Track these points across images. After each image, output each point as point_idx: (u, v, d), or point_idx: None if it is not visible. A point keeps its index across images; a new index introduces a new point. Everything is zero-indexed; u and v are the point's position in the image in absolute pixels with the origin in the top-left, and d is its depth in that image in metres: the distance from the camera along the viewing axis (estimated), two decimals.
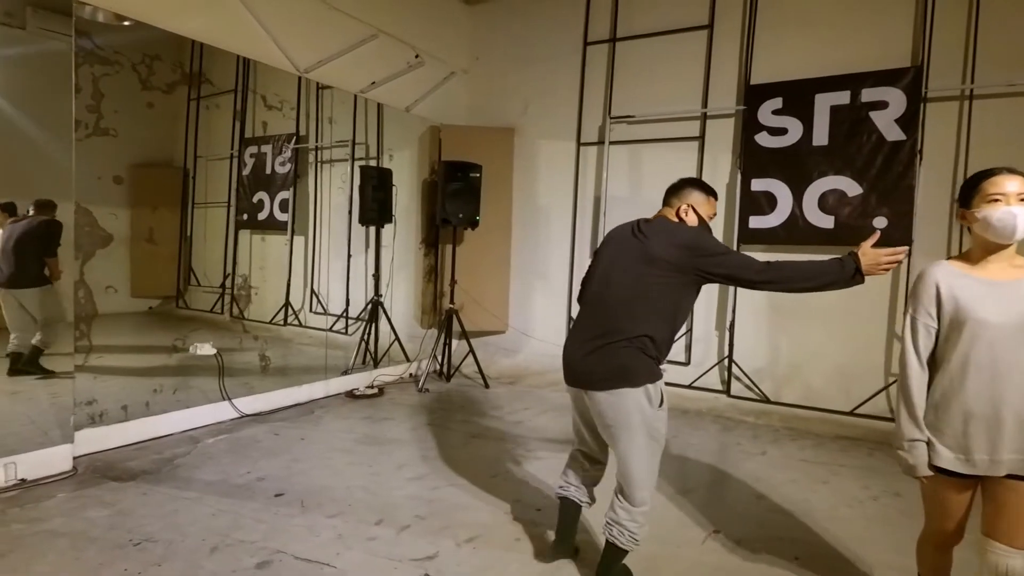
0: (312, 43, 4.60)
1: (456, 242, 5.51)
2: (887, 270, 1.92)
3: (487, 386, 5.25)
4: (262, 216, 5.57)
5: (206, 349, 4.39)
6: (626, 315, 2.11)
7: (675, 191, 2.33)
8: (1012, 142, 3.82)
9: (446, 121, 5.80)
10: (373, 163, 5.54)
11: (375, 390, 4.88)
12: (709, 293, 4.96)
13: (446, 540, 2.59)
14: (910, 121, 4.10)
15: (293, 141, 5.42)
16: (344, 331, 5.57)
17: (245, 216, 5.60)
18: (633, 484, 2.12)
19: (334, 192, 5.56)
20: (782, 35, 4.61)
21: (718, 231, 4.91)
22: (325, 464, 3.40)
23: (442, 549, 2.52)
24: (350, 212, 5.57)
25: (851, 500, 3.15)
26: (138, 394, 3.88)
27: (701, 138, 4.96)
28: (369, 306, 5.40)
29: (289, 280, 5.52)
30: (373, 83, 5.10)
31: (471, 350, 5.33)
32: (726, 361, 4.83)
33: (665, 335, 2.13)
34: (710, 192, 2.33)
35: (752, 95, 4.64)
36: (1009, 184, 1.63)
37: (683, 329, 5.02)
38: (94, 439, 3.42)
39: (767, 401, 4.65)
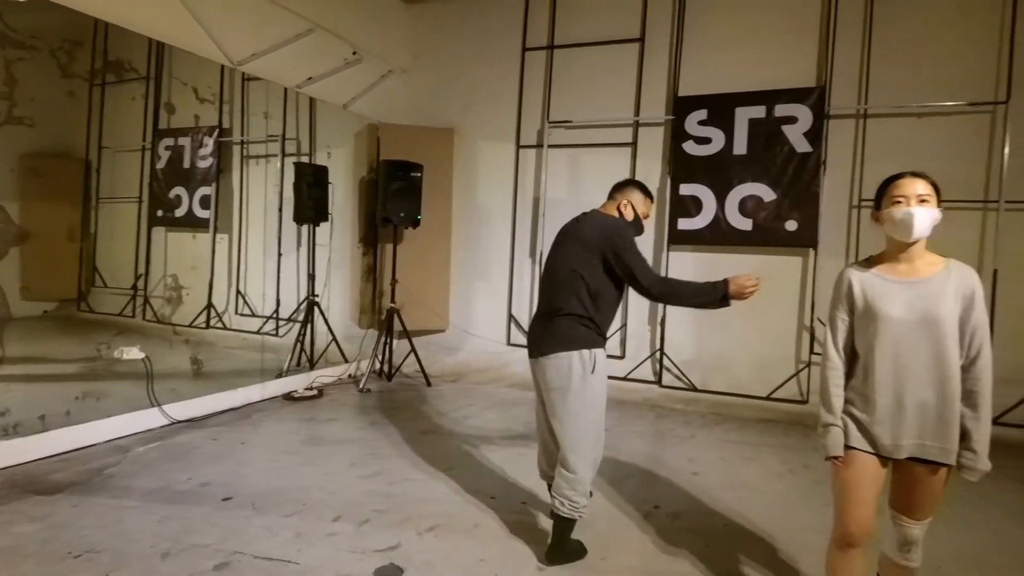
0: (247, 35, 4.47)
1: (396, 241, 5.51)
2: (749, 295, 2.25)
3: (429, 384, 5.30)
4: (180, 212, 5.32)
5: (133, 353, 4.18)
6: (564, 293, 2.41)
7: (620, 188, 2.63)
8: (899, 156, 4.32)
9: (385, 119, 5.78)
10: (308, 160, 5.45)
11: (314, 392, 4.80)
12: None
13: (407, 531, 2.65)
14: (816, 135, 4.56)
15: (216, 134, 5.22)
16: (275, 333, 5.44)
17: (160, 212, 5.34)
18: (568, 448, 2.36)
19: (263, 189, 5.42)
20: (707, 52, 4.98)
21: (651, 231, 5.22)
22: (273, 466, 3.34)
23: (404, 539, 2.58)
24: (280, 209, 5.44)
25: (772, 474, 3.49)
26: (55, 403, 3.65)
27: (634, 144, 5.26)
28: (304, 306, 5.30)
29: (211, 280, 5.31)
30: (310, 78, 5.02)
31: (412, 349, 5.35)
32: (658, 354, 5.15)
33: (594, 310, 2.40)
34: (648, 194, 2.65)
35: (680, 106, 4.98)
36: (911, 187, 1.74)
37: (618, 324, 5.30)
38: (10, 452, 3.19)
39: (695, 390, 5.01)
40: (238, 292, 5.43)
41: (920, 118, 4.41)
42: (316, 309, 5.25)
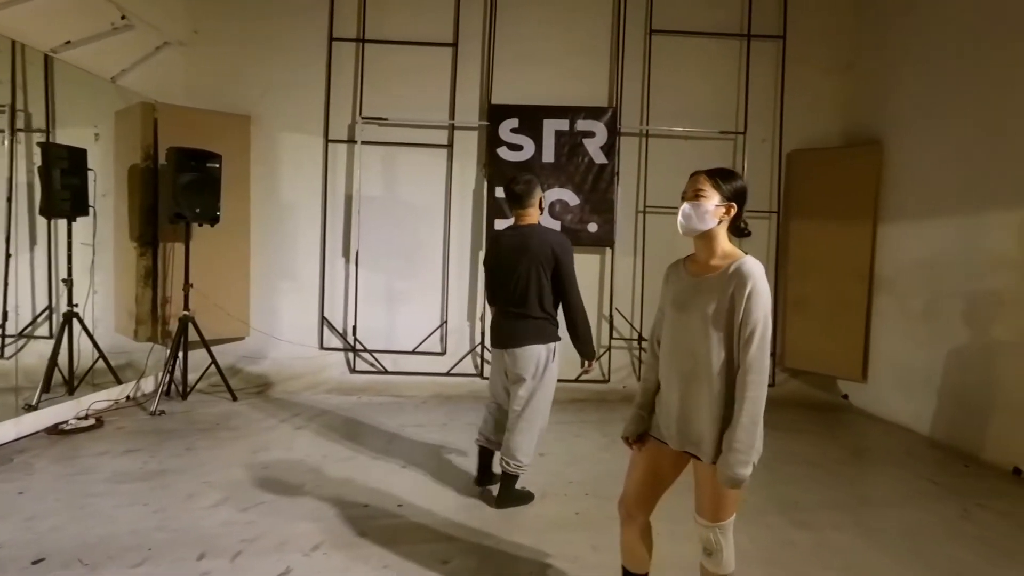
0: None
1: (181, 240, 4.79)
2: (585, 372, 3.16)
3: (235, 398, 4.74)
4: None
5: None
6: (527, 297, 2.89)
7: (527, 195, 2.96)
8: (672, 171, 5.18)
9: (162, 99, 4.96)
10: (46, 139, 4.41)
11: (91, 421, 3.95)
12: (460, 288, 5.46)
13: (291, 554, 2.43)
14: (610, 149, 5.26)
15: None
16: None
17: None
18: (525, 419, 2.89)
19: None
20: (516, 64, 5.35)
21: (469, 232, 5.43)
22: (83, 513, 2.72)
23: (292, 563, 2.37)
24: (10, 200, 4.31)
25: (599, 447, 3.98)
26: None
27: (450, 147, 5.40)
28: (52, 319, 4.29)
29: None
30: (68, 42, 4.08)
31: (213, 361, 4.73)
32: (479, 348, 5.39)
33: (552, 310, 2.95)
34: (536, 188, 3.02)
35: (494, 113, 5.27)
36: (689, 184, 1.76)
37: (437, 321, 5.41)
38: None
39: None
40: None
41: (686, 140, 5.39)
42: (75, 322, 4.28)
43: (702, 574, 1.82)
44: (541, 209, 3.04)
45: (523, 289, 2.89)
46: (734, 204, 1.72)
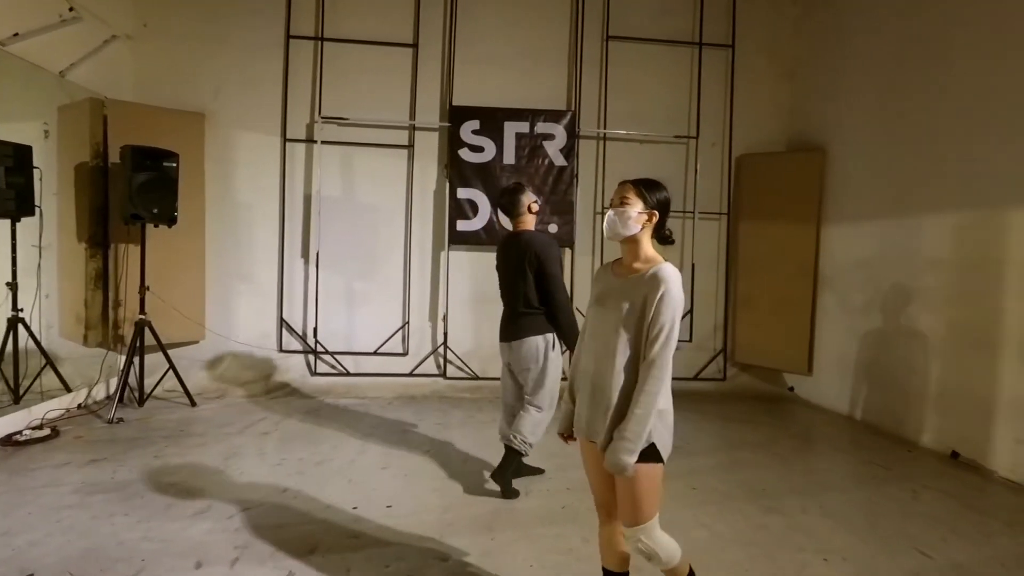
0: None
1: (133, 241, 4.66)
2: None
3: (194, 404, 4.64)
4: None
5: None
6: (520, 296, 3.15)
7: (513, 207, 3.22)
8: (629, 173, 5.37)
9: (111, 95, 4.80)
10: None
11: (46, 431, 3.80)
12: (422, 289, 5.48)
13: (288, 559, 2.44)
14: (569, 151, 5.38)
15: None
16: None
17: None
18: (533, 400, 3.17)
19: None
20: (477, 65, 5.40)
21: (429, 232, 5.46)
22: (62, 527, 2.65)
23: (293, 567, 2.38)
24: None
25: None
26: None
27: (411, 147, 5.41)
28: (6, 325, 4.11)
29: None
30: (16, 34, 3.91)
31: (171, 366, 4.61)
32: (442, 348, 5.43)
33: (537, 304, 3.15)
34: (521, 191, 3.24)
35: (455, 115, 5.31)
36: (616, 192, 1.87)
37: (399, 322, 5.42)
38: None
39: (477, 378, 5.44)
40: None
41: (642, 144, 5.57)
42: (20, 328, 4.10)
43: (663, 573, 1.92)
44: (535, 214, 3.26)
45: (515, 288, 3.18)
46: (656, 212, 1.85)
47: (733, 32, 5.63)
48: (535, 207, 3.25)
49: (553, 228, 5.38)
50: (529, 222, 3.25)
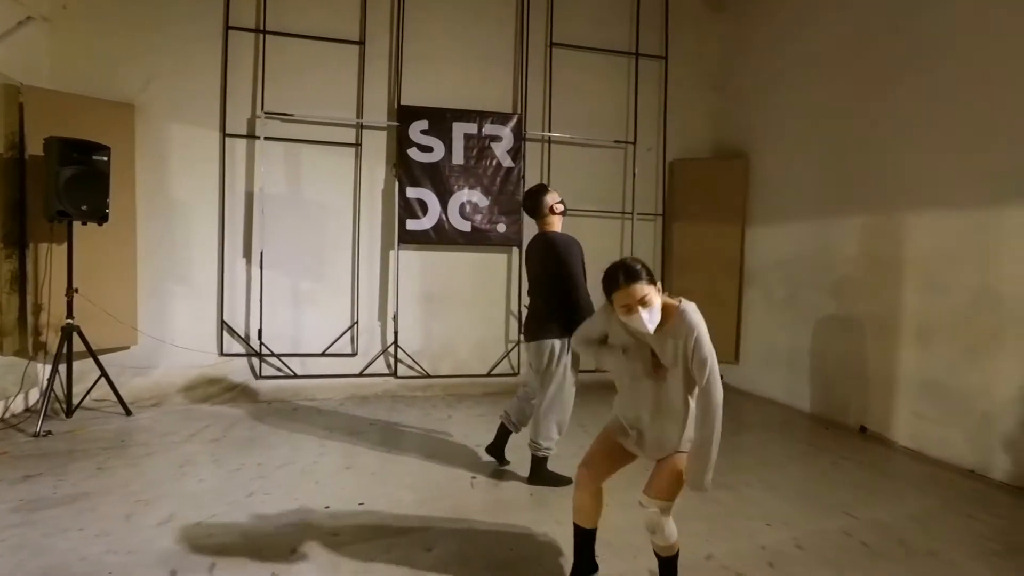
0: None
1: (56, 240, 4.34)
2: None
3: (129, 413, 4.39)
4: None
5: None
6: (541, 296, 3.28)
7: (533, 210, 3.37)
8: (573, 176, 5.68)
9: (28, 82, 4.43)
10: None
11: None
12: (371, 288, 5.45)
13: (271, 561, 2.41)
14: (516, 153, 5.53)
15: None
16: None
17: None
18: (544, 404, 3.24)
19: None
20: (425, 65, 5.43)
21: (378, 231, 5.44)
22: (8, 546, 2.48)
23: (276, 569, 2.36)
24: None
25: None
26: None
27: (358, 146, 5.36)
28: None
29: None
30: None
31: (103, 373, 4.33)
32: (392, 347, 5.42)
33: (554, 305, 3.22)
34: (543, 192, 3.37)
35: (403, 114, 5.32)
36: (629, 296, 1.90)
37: (347, 322, 5.37)
38: None
39: (428, 376, 5.48)
40: None
41: (584, 147, 5.82)
42: None
43: (654, 550, 2.12)
44: (559, 214, 3.34)
45: (536, 288, 3.32)
46: (658, 281, 2.00)
47: (666, 45, 6.01)
48: (558, 208, 3.33)
49: (501, 228, 5.51)
50: (554, 223, 3.32)
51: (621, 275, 1.91)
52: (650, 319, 1.90)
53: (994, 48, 3.63)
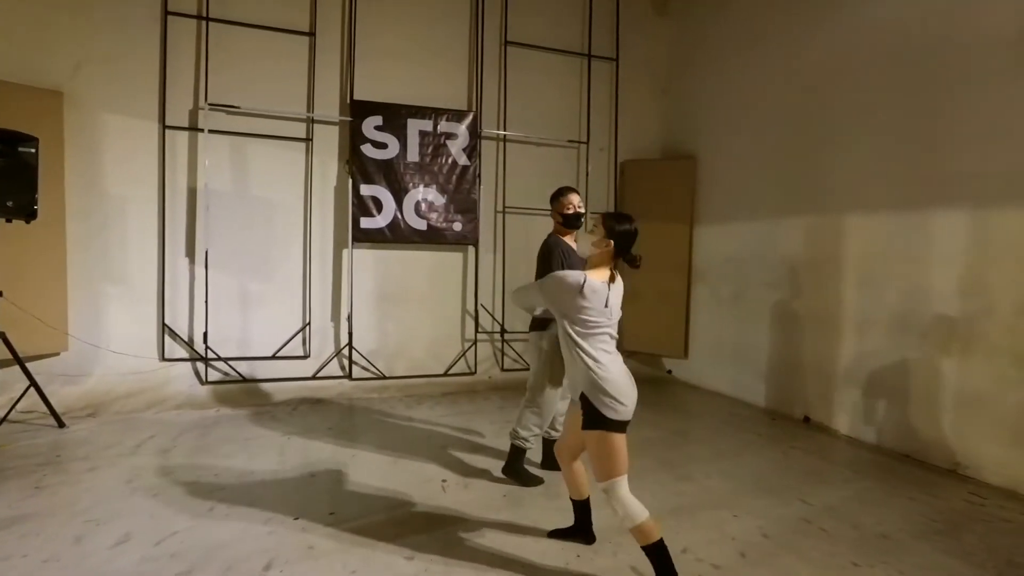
0: None
1: None
2: None
3: (62, 424, 4.08)
4: None
5: None
6: None
7: (551, 208, 3.40)
8: (527, 174, 5.71)
9: None
10: None
11: None
12: (323, 288, 5.29)
13: None
14: (472, 151, 5.50)
15: None
16: None
17: None
18: (528, 396, 3.31)
19: None
20: (378, 60, 5.31)
21: (331, 230, 5.28)
22: None
23: None
24: None
25: (492, 433, 4.22)
26: None
27: (309, 140, 5.18)
28: None
29: None
30: None
31: (32, 382, 4.00)
32: (346, 349, 5.28)
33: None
34: (558, 195, 3.36)
35: (356, 109, 5.18)
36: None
37: (299, 324, 5.19)
38: None
39: (384, 377, 5.38)
40: None
41: (538, 147, 5.86)
42: None
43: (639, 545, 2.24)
44: (561, 216, 3.32)
45: None
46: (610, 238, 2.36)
47: (617, 47, 6.13)
48: (557, 217, 3.33)
49: (458, 226, 5.48)
50: (556, 225, 3.35)
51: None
52: (579, 247, 2.44)
53: (921, 59, 3.92)
